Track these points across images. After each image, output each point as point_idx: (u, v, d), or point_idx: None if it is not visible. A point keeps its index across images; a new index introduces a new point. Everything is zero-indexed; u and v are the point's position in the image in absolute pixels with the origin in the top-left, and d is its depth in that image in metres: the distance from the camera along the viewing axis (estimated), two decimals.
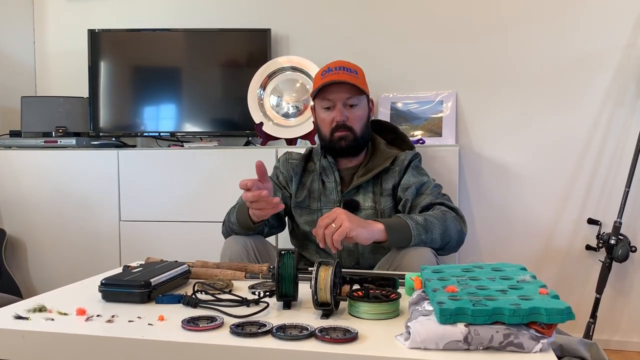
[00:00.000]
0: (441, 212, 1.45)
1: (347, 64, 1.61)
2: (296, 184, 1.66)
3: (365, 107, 1.62)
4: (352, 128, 1.58)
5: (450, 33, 2.44)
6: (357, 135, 1.59)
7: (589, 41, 2.31)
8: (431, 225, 1.39)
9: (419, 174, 1.60)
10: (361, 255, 1.57)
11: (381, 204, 1.57)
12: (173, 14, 2.70)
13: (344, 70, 1.58)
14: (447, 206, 1.49)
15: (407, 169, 1.60)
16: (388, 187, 1.58)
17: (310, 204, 1.63)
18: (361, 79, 1.61)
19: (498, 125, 2.40)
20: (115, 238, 2.31)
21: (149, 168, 2.27)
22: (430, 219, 1.40)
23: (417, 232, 1.36)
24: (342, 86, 1.56)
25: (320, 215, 1.57)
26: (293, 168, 1.67)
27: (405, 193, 1.55)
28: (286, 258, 1.02)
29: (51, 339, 0.88)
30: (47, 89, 2.85)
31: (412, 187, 1.54)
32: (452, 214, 1.46)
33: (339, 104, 1.57)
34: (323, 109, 1.60)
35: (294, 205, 1.66)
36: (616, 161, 2.30)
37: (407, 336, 0.80)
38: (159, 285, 1.08)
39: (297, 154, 1.71)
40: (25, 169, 2.37)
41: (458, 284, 0.90)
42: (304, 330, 0.85)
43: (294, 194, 1.66)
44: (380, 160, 1.61)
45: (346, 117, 1.57)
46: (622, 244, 2.13)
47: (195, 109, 2.51)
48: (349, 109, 1.58)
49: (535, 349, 0.76)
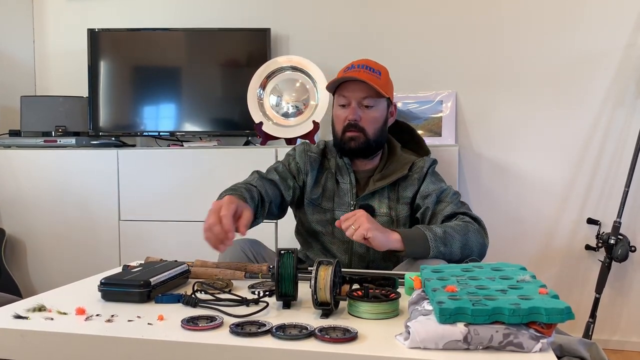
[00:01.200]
0: (464, 223, 1.41)
1: (372, 64, 1.55)
2: (313, 179, 1.59)
3: (382, 110, 1.55)
4: (364, 129, 1.51)
5: (450, 33, 2.44)
6: (369, 138, 1.52)
7: (589, 41, 2.31)
8: (451, 239, 1.35)
9: (437, 180, 1.55)
10: (372, 262, 1.54)
11: (397, 211, 1.53)
12: (173, 14, 2.70)
13: (365, 69, 1.51)
14: (470, 216, 1.45)
15: (426, 176, 1.54)
16: (406, 195, 1.53)
17: (322, 203, 1.58)
18: (383, 80, 1.53)
19: (498, 125, 2.40)
20: (115, 237, 2.31)
21: (148, 168, 2.27)
22: (450, 232, 1.36)
23: (435, 244, 1.33)
24: (360, 85, 1.49)
25: (332, 216, 1.56)
26: (311, 162, 1.60)
27: (425, 201, 1.50)
28: (286, 258, 1.02)
29: (51, 338, 0.88)
30: (47, 88, 2.85)
31: (433, 195, 1.49)
32: (474, 226, 1.42)
33: (353, 102, 1.51)
34: (339, 105, 1.55)
35: (307, 201, 1.59)
36: (616, 161, 2.30)
37: (407, 336, 0.80)
38: (159, 284, 1.08)
39: (315, 148, 1.63)
40: (24, 169, 2.37)
41: (458, 283, 0.90)
42: (303, 330, 0.85)
43: (310, 189, 1.59)
44: (397, 165, 1.56)
45: (359, 117, 1.51)
46: (621, 243, 2.13)
47: (194, 109, 2.51)
48: (364, 109, 1.52)
49: (535, 348, 0.76)
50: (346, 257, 1.55)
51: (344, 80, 1.51)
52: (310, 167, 1.59)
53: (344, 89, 1.52)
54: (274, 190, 1.54)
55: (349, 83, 1.51)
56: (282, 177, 1.56)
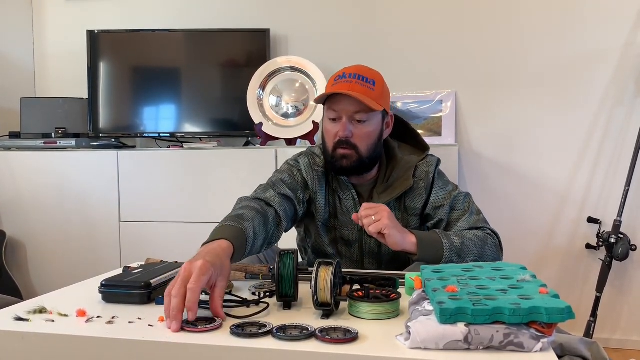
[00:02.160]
0: (483, 235, 1.36)
1: (364, 71, 1.41)
2: (323, 199, 1.48)
3: (376, 124, 1.41)
4: (356, 147, 1.39)
5: (449, 33, 2.44)
6: (362, 156, 1.40)
7: (588, 40, 2.31)
8: (467, 250, 1.30)
9: (445, 184, 1.48)
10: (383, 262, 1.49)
11: (405, 222, 1.45)
12: (172, 15, 2.70)
13: (358, 79, 1.37)
14: (489, 229, 1.40)
15: (434, 182, 1.46)
16: (415, 207, 1.45)
17: (329, 222, 1.50)
18: (377, 91, 1.39)
19: (497, 125, 2.40)
20: (115, 239, 2.31)
21: (148, 169, 2.27)
22: (467, 244, 1.31)
23: (450, 254, 1.28)
24: (352, 98, 1.35)
25: (339, 234, 1.49)
26: (319, 179, 1.48)
27: (437, 212, 1.43)
28: (286, 259, 1.02)
29: (51, 340, 0.88)
30: (47, 90, 2.85)
31: (446, 206, 1.42)
32: (493, 241, 1.37)
33: (344, 117, 1.38)
34: (329, 119, 1.42)
35: (320, 223, 1.50)
36: (615, 160, 2.30)
37: (408, 336, 0.80)
38: (159, 286, 1.08)
39: (321, 161, 1.49)
40: (24, 171, 2.37)
41: (458, 283, 0.90)
42: (304, 331, 0.85)
43: (321, 211, 1.48)
44: (399, 172, 1.46)
45: (351, 134, 1.38)
46: (622, 242, 2.13)
47: (194, 110, 2.51)
48: (356, 124, 1.38)
49: (536, 348, 0.76)
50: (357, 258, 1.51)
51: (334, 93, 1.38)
52: (319, 186, 1.48)
53: (334, 101, 1.39)
54: (290, 206, 1.41)
55: (339, 95, 1.37)
56: (293, 191, 1.43)
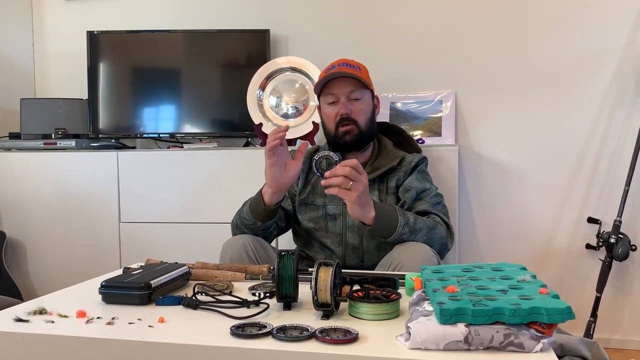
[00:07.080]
0: (433, 222, 1.48)
1: (350, 61, 1.64)
2: (302, 181, 1.67)
3: (369, 102, 1.64)
4: (356, 121, 1.59)
5: (449, 33, 2.44)
6: (362, 129, 1.60)
7: (588, 40, 2.31)
8: (418, 230, 1.43)
9: (423, 179, 1.61)
10: (365, 252, 1.58)
11: (387, 201, 1.58)
12: (172, 15, 2.70)
13: (346, 66, 1.60)
14: (441, 219, 1.52)
15: (413, 171, 1.61)
16: (393, 186, 1.60)
17: (315, 200, 1.64)
18: (364, 74, 1.63)
19: (498, 125, 2.40)
20: (115, 240, 2.31)
21: (148, 169, 2.27)
22: (420, 224, 1.44)
23: (402, 230, 1.40)
24: (345, 80, 1.59)
25: (324, 212, 1.61)
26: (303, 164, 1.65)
27: (405, 195, 1.56)
28: (286, 259, 1.02)
29: (51, 341, 0.88)
30: (46, 90, 2.85)
31: (413, 191, 1.56)
32: (442, 227, 1.49)
33: (342, 97, 1.59)
34: (327, 104, 1.63)
35: (298, 203, 1.66)
36: (616, 160, 2.30)
37: (408, 337, 0.80)
38: (159, 287, 1.08)
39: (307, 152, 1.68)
40: (24, 171, 2.37)
41: (458, 284, 0.90)
42: (304, 332, 0.85)
43: (299, 191, 1.67)
44: (387, 159, 1.63)
45: (350, 110, 1.59)
46: (622, 242, 2.13)
47: (194, 110, 2.51)
48: (353, 102, 1.60)
49: (536, 348, 0.76)
50: (340, 249, 1.59)
51: (330, 79, 1.59)
52: (302, 169, 1.63)
53: (330, 87, 1.61)
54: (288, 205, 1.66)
55: (334, 81, 1.59)
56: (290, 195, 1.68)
